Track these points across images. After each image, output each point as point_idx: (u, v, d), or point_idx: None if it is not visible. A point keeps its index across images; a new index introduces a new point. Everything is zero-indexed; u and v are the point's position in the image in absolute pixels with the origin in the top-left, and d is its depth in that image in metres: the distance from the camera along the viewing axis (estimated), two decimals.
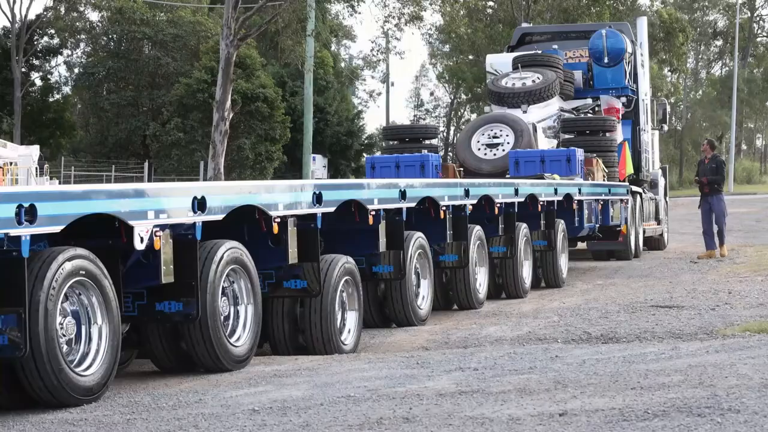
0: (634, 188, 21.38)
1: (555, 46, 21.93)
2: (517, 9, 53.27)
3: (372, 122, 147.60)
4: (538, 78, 20.06)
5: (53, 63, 57.58)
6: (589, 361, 8.21)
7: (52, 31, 54.75)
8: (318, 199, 9.53)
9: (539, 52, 21.45)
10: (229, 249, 8.49)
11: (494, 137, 18.98)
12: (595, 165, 18.90)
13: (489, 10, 57.55)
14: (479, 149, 18.99)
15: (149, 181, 42.66)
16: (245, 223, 9.05)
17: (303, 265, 9.44)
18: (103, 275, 7.40)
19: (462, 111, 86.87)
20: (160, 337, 8.70)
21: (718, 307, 12.25)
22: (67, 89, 58.38)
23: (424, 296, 12.08)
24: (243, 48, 36.28)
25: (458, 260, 12.70)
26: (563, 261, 16.62)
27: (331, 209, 9.79)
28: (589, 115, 21.13)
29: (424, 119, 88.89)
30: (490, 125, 19.23)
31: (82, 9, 54.41)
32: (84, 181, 42.30)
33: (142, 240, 7.59)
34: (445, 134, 74.97)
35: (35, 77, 56.32)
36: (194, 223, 8.04)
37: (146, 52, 50.11)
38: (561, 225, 16.39)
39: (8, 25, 52.60)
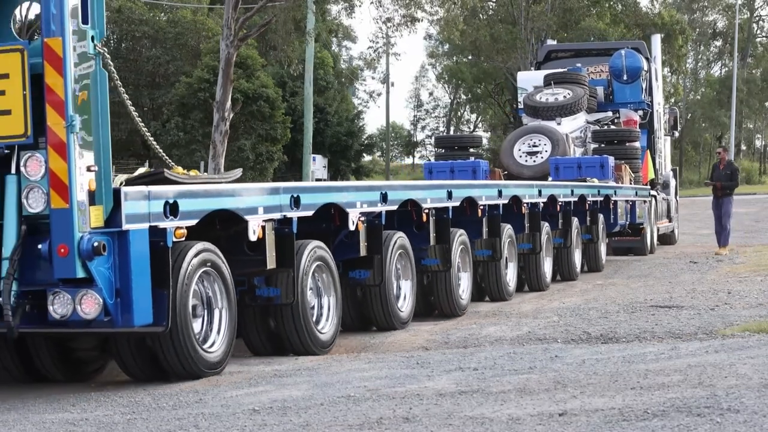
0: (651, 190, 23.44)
1: (579, 64, 23.88)
2: (517, 9, 53.22)
3: (372, 122, 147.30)
4: (569, 94, 22.02)
5: None
6: (588, 361, 8.22)
7: None
8: (450, 195, 12.21)
9: (567, 70, 23.34)
10: (398, 237, 11.20)
11: (534, 146, 21.04)
12: (623, 170, 21.32)
13: (490, 11, 57.46)
14: (521, 156, 21.00)
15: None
16: (398, 214, 11.47)
17: (436, 246, 12.11)
18: (329, 257, 9.91)
19: (462, 111, 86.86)
20: (348, 304, 11.09)
21: (718, 307, 12.25)
22: None
23: (512, 277, 14.58)
24: (243, 48, 36.24)
25: (531, 249, 15.44)
26: (603, 250, 19.57)
27: (457, 203, 12.47)
28: (612, 126, 23.27)
29: (424, 119, 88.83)
30: (529, 135, 21.30)
31: None
32: None
33: (353, 223, 10.14)
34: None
35: None
36: (380, 211, 10.69)
37: (146, 52, 50.05)
38: (602, 219, 19.18)
39: None
